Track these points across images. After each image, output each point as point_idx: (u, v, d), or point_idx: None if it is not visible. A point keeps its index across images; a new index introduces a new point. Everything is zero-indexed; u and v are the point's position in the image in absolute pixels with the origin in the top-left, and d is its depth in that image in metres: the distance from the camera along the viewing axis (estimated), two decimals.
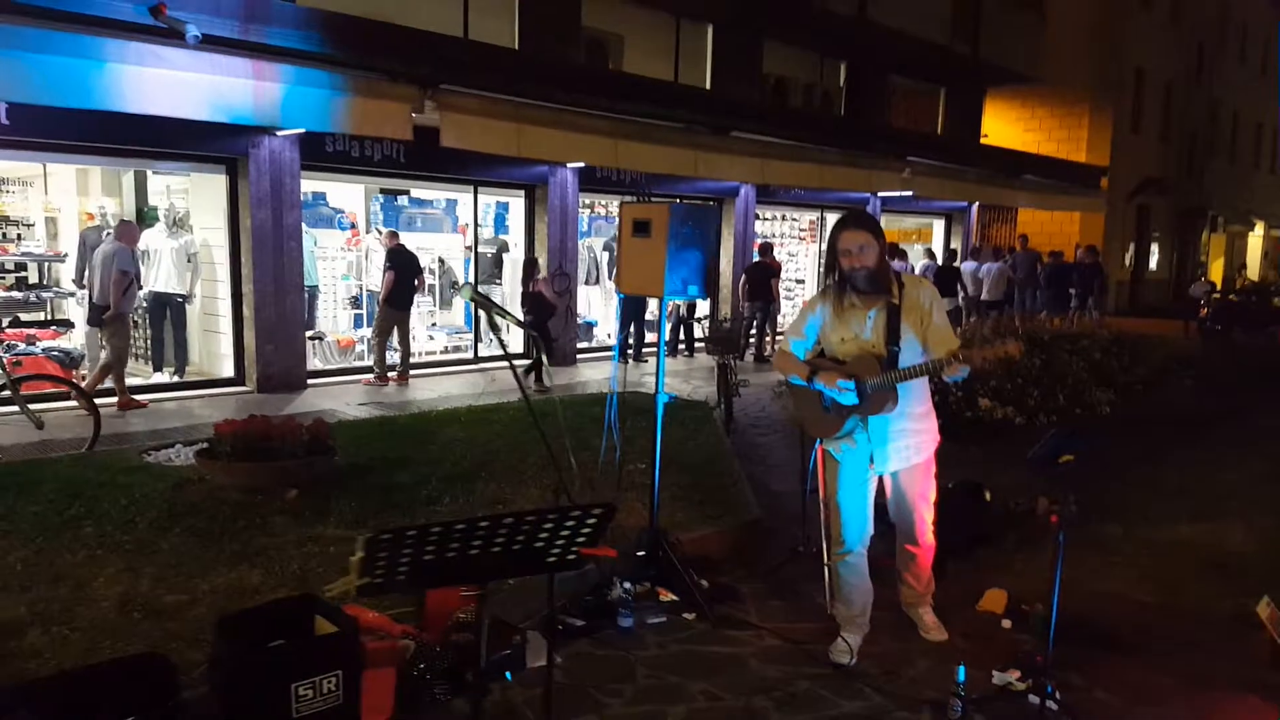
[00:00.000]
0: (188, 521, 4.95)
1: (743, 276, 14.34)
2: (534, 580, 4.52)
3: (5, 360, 7.55)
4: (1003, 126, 25.62)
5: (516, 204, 12.85)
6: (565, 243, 12.79)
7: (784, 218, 18.72)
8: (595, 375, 11.89)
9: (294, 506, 5.19)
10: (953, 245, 21.08)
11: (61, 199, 10.81)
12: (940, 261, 18.54)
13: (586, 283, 14.67)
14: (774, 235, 18.17)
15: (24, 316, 9.77)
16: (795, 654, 4.13)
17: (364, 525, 5.08)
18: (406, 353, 10.97)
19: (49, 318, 9.89)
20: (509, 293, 13.03)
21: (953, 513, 5.71)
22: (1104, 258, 20.04)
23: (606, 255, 14.65)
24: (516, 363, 10.70)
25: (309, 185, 11.69)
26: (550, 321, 10.99)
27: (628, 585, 4.37)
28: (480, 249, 12.75)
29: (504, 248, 12.90)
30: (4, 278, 9.96)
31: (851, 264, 3.76)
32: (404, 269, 10.55)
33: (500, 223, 13.33)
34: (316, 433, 5.59)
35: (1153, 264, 29.68)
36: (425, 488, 5.77)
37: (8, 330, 9.38)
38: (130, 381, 9.84)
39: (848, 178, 13.68)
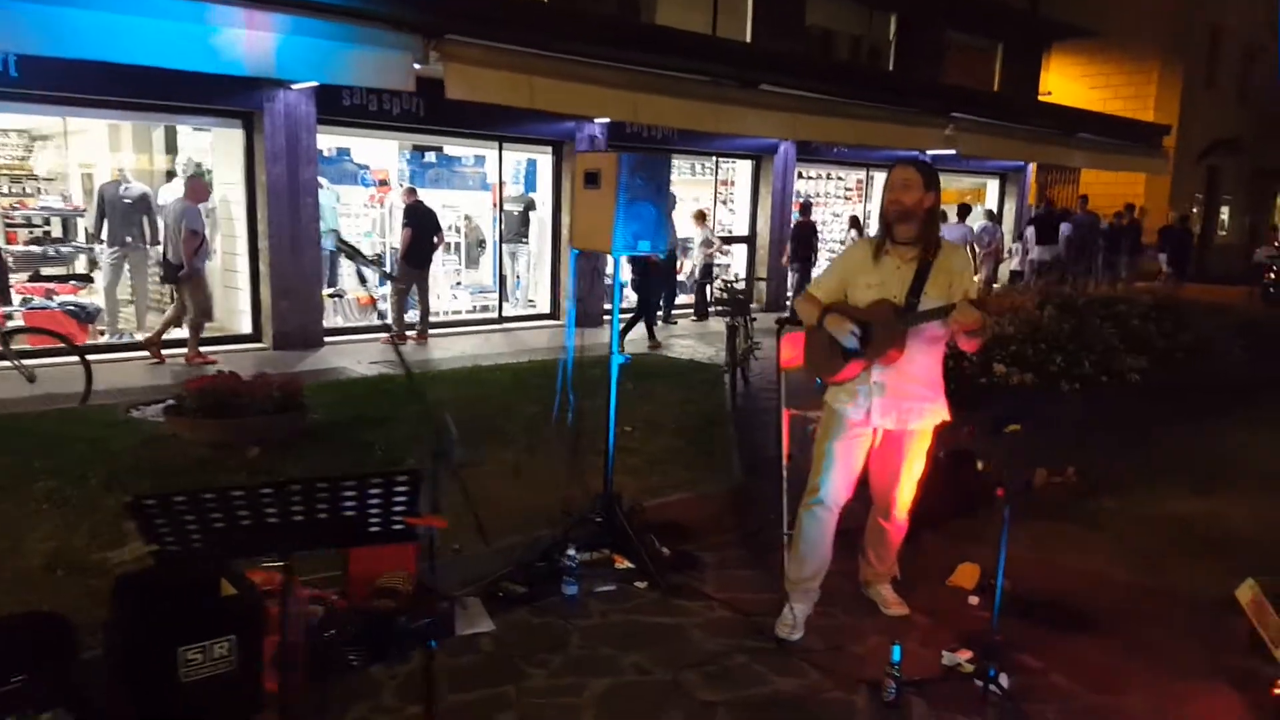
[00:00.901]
0: (145, 478, 4.93)
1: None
2: (482, 546, 4.50)
3: None
4: (1067, 83, 24.48)
5: (544, 160, 12.65)
6: None
7: (829, 176, 18.22)
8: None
9: (255, 464, 5.14)
10: (1006, 205, 20.34)
11: (95, 155, 10.94)
12: (985, 220, 17.89)
13: None
14: (818, 194, 17.70)
15: (47, 270, 9.90)
16: (742, 626, 3.95)
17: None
18: (425, 311, 10.92)
19: (69, 272, 10.03)
20: (536, 251, 12.90)
21: (941, 482, 5.52)
22: (1170, 220, 19.12)
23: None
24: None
25: (334, 140, 11.69)
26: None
27: (571, 552, 4.21)
28: (506, 207, 12.62)
29: (530, 205, 12.73)
30: (32, 231, 10.12)
31: (891, 199, 3.60)
32: (421, 226, 10.46)
33: (531, 180, 13.15)
34: (287, 390, 5.52)
35: (1223, 228, 28.28)
36: (393, 449, 5.67)
37: (28, 284, 9.54)
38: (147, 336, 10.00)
39: (886, 133, 13.15)
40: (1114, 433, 7.19)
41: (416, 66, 8.04)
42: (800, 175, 17.42)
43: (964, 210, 15.71)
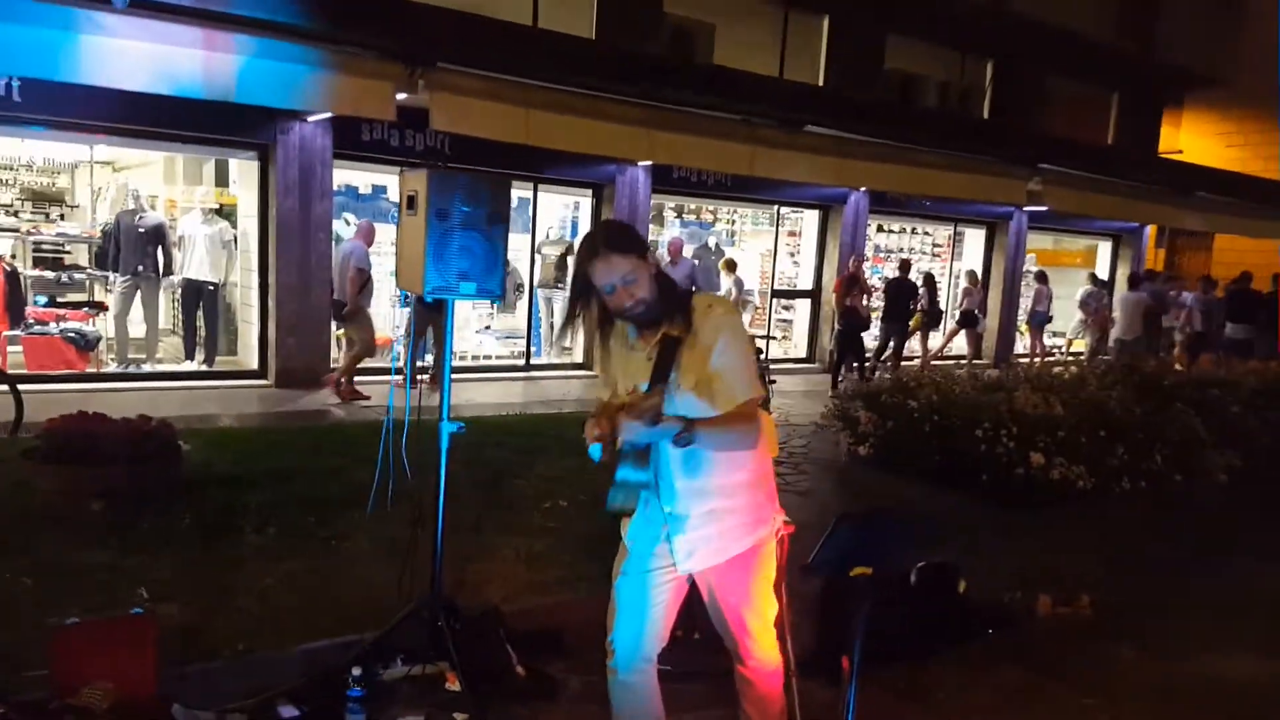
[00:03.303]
0: None
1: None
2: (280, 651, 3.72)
3: None
4: (1198, 140, 22.43)
5: (584, 204, 12.04)
6: None
7: (914, 230, 16.99)
8: None
9: (96, 519, 4.54)
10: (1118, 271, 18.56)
11: (152, 185, 10.95)
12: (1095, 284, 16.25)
13: None
14: (900, 250, 16.49)
15: (64, 297, 9.83)
16: None
17: (135, 552, 4.38)
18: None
19: (88, 299, 9.93)
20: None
21: (903, 607, 4.44)
22: None
23: (694, 264, 13.43)
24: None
25: (364, 178, 11.42)
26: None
27: (356, 672, 3.36)
28: (544, 250, 12.03)
29: (569, 250, 12.09)
30: (59, 257, 10.10)
31: (621, 304, 2.56)
32: None
33: (571, 223, 12.57)
34: (161, 436, 4.92)
35: None
36: (246, 514, 4.99)
37: (41, 309, 9.45)
38: (159, 368, 9.79)
39: (957, 184, 11.95)
40: (1170, 549, 5.85)
41: (402, 96, 7.48)
42: (881, 229, 16.35)
43: (1134, 279, 14.45)
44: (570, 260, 12.01)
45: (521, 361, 11.82)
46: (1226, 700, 3.83)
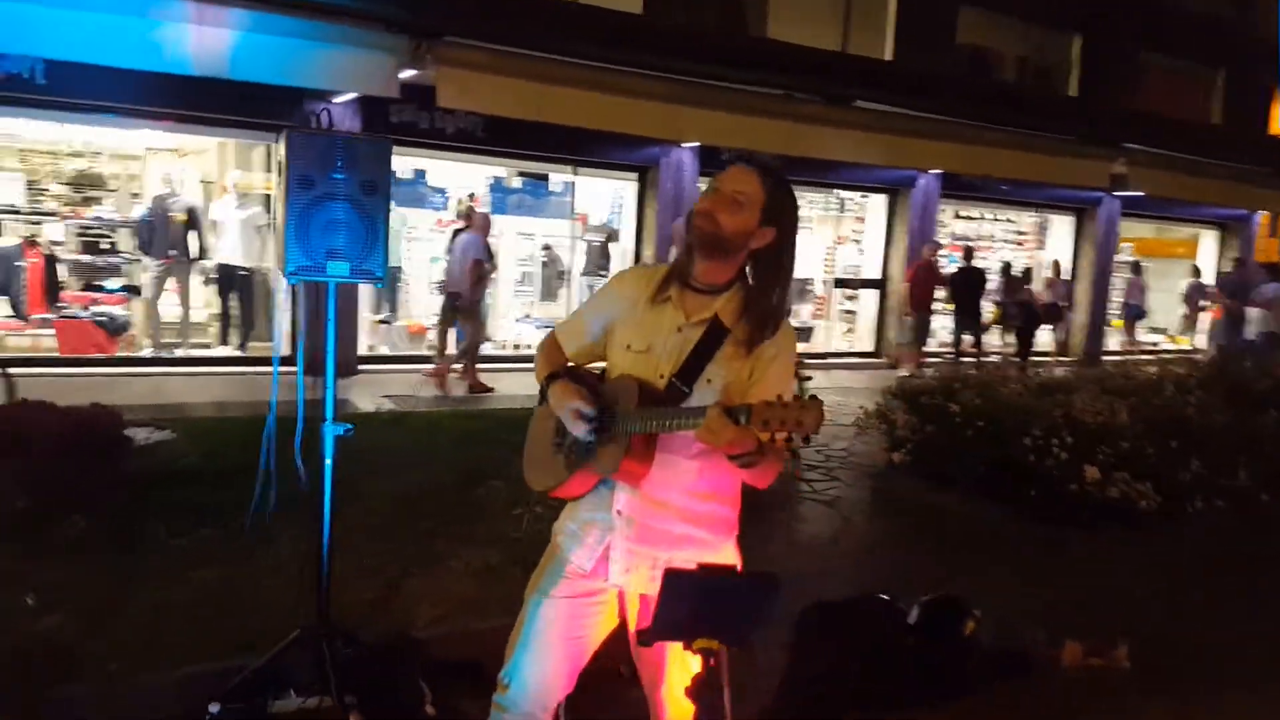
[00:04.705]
0: None
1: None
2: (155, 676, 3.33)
3: None
4: None
5: (627, 188, 11.51)
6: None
7: (994, 217, 15.92)
8: None
9: (15, 518, 4.26)
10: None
11: (204, 169, 10.91)
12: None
13: None
14: (978, 238, 15.45)
15: (99, 281, 9.82)
16: None
17: (41, 555, 4.09)
18: (473, 345, 9.99)
19: (129, 284, 9.90)
20: None
21: (908, 648, 3.84)
22: None
23: None
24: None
25: (405, 163, 11.13)
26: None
27: (214, 709, 2.94)
28: (586, 237, 11.57)
29: (612, 236, 11.62)
30: (99, 241, 10.10)
31: (706, 209, 2.09)
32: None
33: (613, 209, 12.06)
34: (103, 428, 4.61)
35: None
36: (182, 514, 4.64)
37: (79, 293, 9.47)
38: (192, 353, 9.71)
39: (1026, 165, 10.98)
40: (1244, 584, 5.01)
41: (411, 72, 7.09)
42: (958, 215, 15.36)
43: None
44: (612, 247, 11.54)
45: None
46: None
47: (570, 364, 2.31)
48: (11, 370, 6.22)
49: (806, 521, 6.05)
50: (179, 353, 9.63)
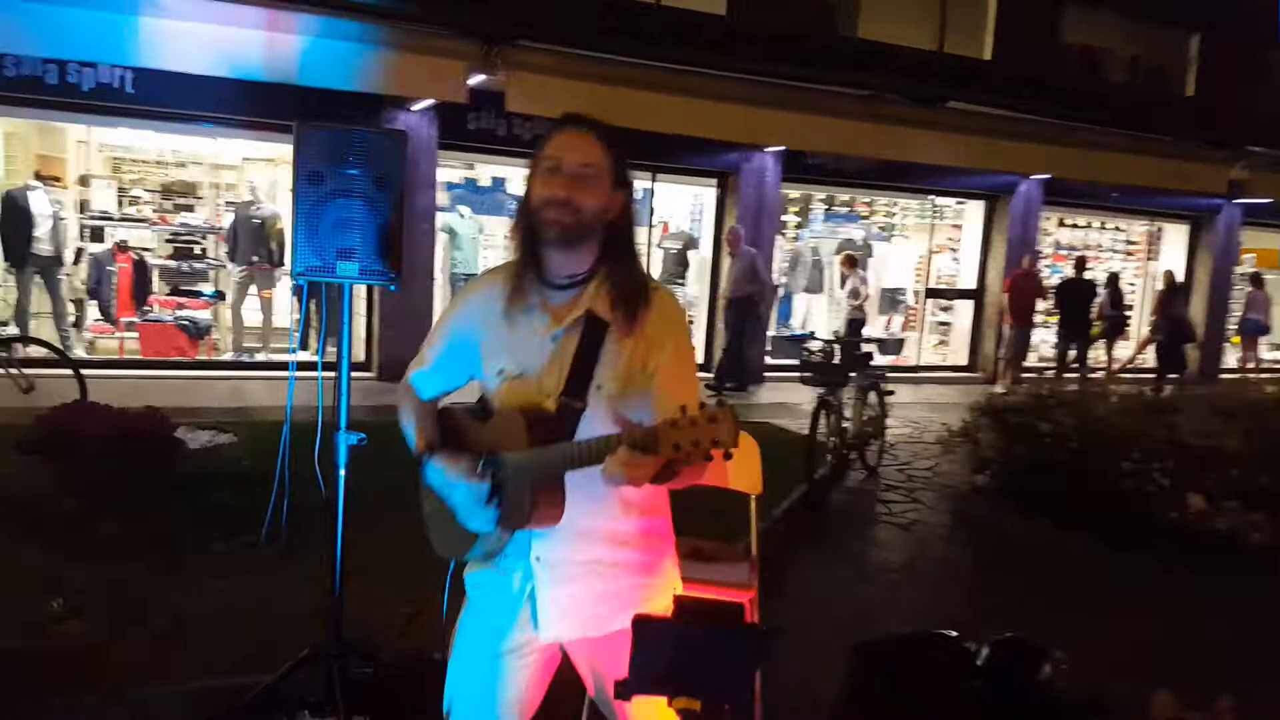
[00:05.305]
0: None
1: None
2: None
3: None
4: None
5: (707, 194, 11.26)
6: (760, 239, 10.95)
7: (1101, 225, 15.05)
8: (785, 398, 9.87)
9: (61, 518, 4.28)
10: None
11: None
12: None
13: (808, 290, 12.68)
14: (1085, 247, 14.64)
15: (186, 286, 10.10)
16: None
17: (80, 557, 4.05)
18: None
19: (214, 289, 10.16)
20: (695, 295, 11.48)
21: (974, 693, 3.49)
22: None
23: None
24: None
25: (494, 170, 11.19)
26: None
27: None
28: (664, 244, 11.37)
29: (690, 244, 11.37)
30: (189, 247, 10.41)
31: (555, 195, 1.76)
32: None
33: (693, 216, 11.83)
34: (152, 431, 4.60)
35: None
36: (225, 520, 4.58)
37: (167, 296, 9.76)
38: (271, 357, 9.89)
39: (1134, 169, 10.27)
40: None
41: (481, 77, 7.01)
42: (1062, 223, 14.59)
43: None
44: (691, 256, 11.30)
45: None
46: None
47: (440, 408, 2.02)
48: (84, 371, 6.41)
49: (879, 546, 5.68)
50: (259, 357, 9.83)
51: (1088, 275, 12.20)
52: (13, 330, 7.93)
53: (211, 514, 4.66)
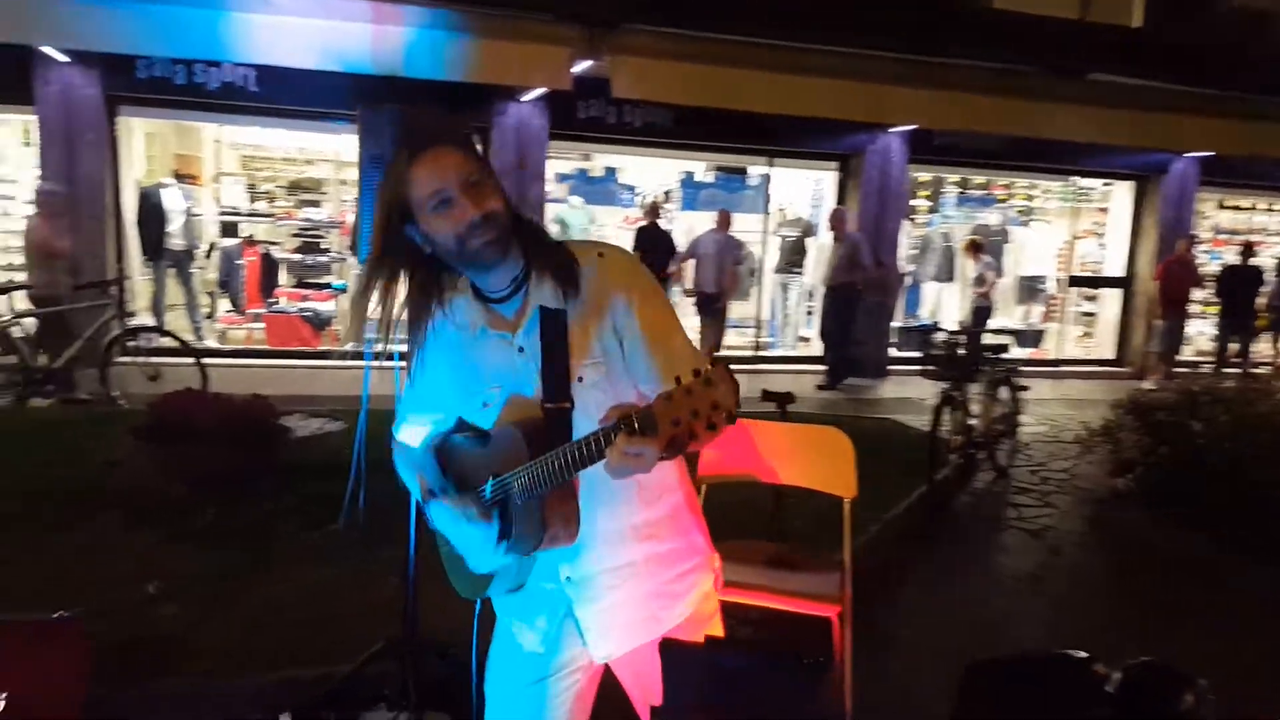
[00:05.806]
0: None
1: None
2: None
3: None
4: None
5: (827, 178, 10.85)
6: (885, 224, 10.47)
7: (1270, 208, 13.77)
8: (910, 393, 9.41)
9: (169, 503, 4.38)
10: None
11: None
12: None
13: (937, 278, 12.06)
14: (1249, 231, 13.42)
15: (311, 279, 10.43)
16: None
17: (181, 541, 4.10)
18: (716, 347, 9.77)
19: (338, 281, 10.46)
20: (811, 284, 11.09)
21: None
22: None
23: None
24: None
25: (606, 159, 11.12)
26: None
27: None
28: (781, 231, 11.02)
29: (808, 231, 10.98)
30: (315, 241, 10.76)
31: (466, 218, 1.61)
32: (649, 250, 9.32)
33: (812, 201, 11.42)
34: (257, 418, 4.66)
35: None
36: (322, 508, 4.53)
37: (293, 289, 10.11)
38: (394, 348, 10.08)
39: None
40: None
41: (587, 63, 6.89)
42: (1221, 206, 13.40)
43: None
44: (810, 243, 10.89)
45: (748, 353, 10.86)
46: None
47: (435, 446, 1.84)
48: (205, 360, 6.66)
49: (1007, 553, 5.26)
50: (378, 348, 10.03)
51: (1254, 261, 11.15)
52: (141, 320, 8.34)
53: (309, 502, 4.70)
